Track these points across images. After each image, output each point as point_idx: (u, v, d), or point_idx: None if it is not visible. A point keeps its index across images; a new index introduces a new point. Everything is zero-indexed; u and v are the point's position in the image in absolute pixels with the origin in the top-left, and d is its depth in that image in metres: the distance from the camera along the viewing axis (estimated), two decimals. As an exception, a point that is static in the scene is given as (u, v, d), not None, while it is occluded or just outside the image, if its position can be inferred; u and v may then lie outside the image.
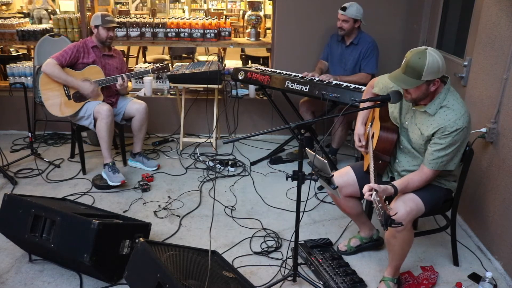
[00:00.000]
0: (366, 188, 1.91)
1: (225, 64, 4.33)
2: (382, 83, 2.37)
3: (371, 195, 1.84)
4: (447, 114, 2.02)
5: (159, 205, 3.12)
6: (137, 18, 4.50)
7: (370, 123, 2.47)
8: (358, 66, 3.66)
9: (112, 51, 3.59)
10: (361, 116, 2.50)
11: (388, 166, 2.33)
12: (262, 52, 5.55)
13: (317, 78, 3.48)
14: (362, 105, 2.30)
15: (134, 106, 3.56)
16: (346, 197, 2.40)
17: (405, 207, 2.04)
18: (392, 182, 2.06)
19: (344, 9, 3.53)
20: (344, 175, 2.39)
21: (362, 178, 2.33)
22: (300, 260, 2.47)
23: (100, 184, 3.34)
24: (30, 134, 3.78)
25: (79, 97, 3.39)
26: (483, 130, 2.65)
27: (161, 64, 3.72)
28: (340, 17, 3.56)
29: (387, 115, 2.31)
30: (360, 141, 2.41)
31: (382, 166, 2.25)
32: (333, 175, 2.02)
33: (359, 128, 2.46)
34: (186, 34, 4.37)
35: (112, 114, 3.35)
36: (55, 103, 3.36)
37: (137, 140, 3.69)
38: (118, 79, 3.45)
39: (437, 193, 2.23)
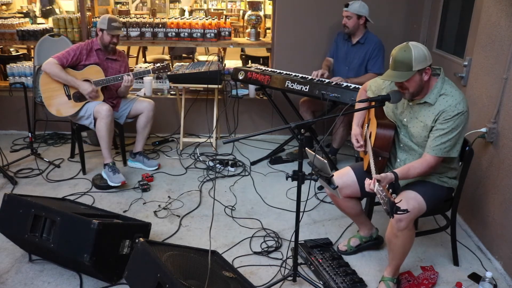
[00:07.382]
0: (367, 181, 1.90)
1: (225, 64, 4.33)
2: (374, 86, 2.40)
3: (373, 188, 1.83)
4: (447, 101, 2.06)
5: (159, 205, 3.13)
6: (137, 18, 4.49)
7: (366, 125, 2.48)
8: (363, 66, 3.65)
9: (117, 54, 3.58)
10: (356, 118, 2.52)
11: (387, 163, 2.34)
12: (262, 52, 5.54)
13: (316, 78, 3.48)
14: (358, 106, 2.31)
15: (143, 104, 3.60)
16: (345, 197, 2.40)
17: (407, 205, 2.04)
18: (393, 170, 2.06)
19: (346, 5, 3.57)
20: (344, 175, 2.39)
21: (362, 178, 2.31)
22: (300, 260, 2.46)
23: (100, 184, 3.34)
24: (30, 134, 3.78)
25: (79, 97, 3.39)
26: (483, 130, 2.65)
27: (161, 64, 3.72)
28: (343, 14, 3.60)
29: (383, 113, 2.33)
30: (358, 141, 2.42)
31: (381, 163, 2.25)
32: (333, 175, 2.02)
33: (355, 129, 2.47)
34: (186, 34, 4.37)
35: (112, 114, 3.36)
36: (55, 103, 3.36)
37: (140, 139, 3.69)
38: (124, 77, 3.42)
39: (438, 192, 2.24)
